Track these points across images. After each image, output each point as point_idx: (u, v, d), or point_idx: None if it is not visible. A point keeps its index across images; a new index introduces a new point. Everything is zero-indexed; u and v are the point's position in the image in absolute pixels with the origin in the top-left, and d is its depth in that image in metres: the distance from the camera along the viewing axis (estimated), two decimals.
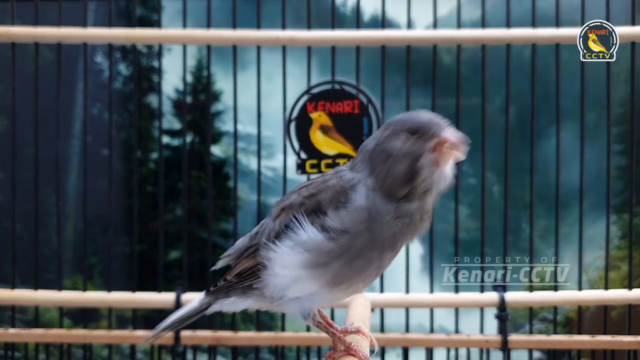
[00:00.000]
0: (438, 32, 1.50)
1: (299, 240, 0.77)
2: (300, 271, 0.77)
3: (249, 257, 0.85)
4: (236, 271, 0.87)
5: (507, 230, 1.50)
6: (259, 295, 0.85)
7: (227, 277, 0.89)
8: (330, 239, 0.76)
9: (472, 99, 1.56)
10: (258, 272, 0.83)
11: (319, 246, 0.76)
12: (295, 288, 0.79)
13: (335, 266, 0.76)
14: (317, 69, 1.52)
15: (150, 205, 1.94)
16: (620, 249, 1.71)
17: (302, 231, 0.77)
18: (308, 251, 0.76)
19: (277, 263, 0.80)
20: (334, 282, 0.77)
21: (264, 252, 0.82)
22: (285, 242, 0.79)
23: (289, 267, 0.78)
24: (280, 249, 0.79)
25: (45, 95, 1.51)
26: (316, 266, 0.76)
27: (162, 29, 1.52)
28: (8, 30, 1.49)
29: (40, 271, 1.53)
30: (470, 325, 1.58)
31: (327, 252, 0.75)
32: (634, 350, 1.48)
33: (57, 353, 1.56)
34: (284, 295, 0.81)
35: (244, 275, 0.85)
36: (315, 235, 0.76)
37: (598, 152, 1.59)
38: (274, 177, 1.92)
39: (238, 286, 0.87)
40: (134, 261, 1.54)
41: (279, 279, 0.80)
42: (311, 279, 0.77)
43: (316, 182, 0.82)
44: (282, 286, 0.80)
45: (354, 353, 0.81)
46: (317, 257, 0.76)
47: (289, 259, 0.78)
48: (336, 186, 0.78)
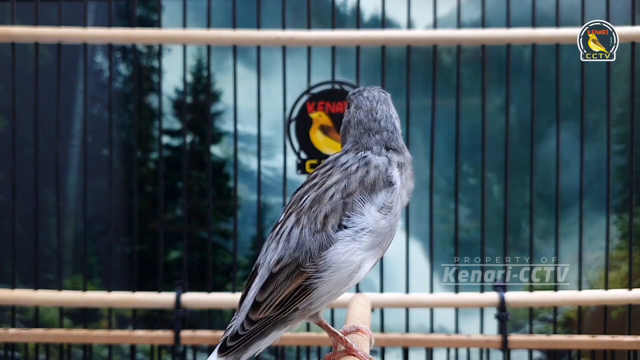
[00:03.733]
0: (438, 32, 1.50)
1: (362, 224, 0.79)
2: (365, 254, 0.79)
3: (292, 279, 0.79)
4: (277, 301, 0.79)
5: (507, 230, 1.50)
6: (301, 315, 0.80)
7: (257, 316, 0.79)
8: (383, 216, 0.80)
9: (472, 99, 1.56)
10: (308, 287, 0.78)
11: (379, 225, 0.79)
12: (359, 274, 0.80)
13: (387, 240, 0.81)
14: (317, 69, 1.52)
15: (150, 205, 1.94)
16: (620, 249, 1.71)
17: (366, 215, 0.80)
18: (371, 233, 0.79)
19: (342, 254, 0.78)
20: (378, 258, 0.82)
21: (319, 260, 0.78)
22: (347, 231, 0.79)
23: (356, 252, 0.78)
24: (343, 240, 0.79)
25: (45, 95, 1.51)
26: (376, 245, 0.80)
27: (162, 29, 1.52)
28: (8, 30, 1.49)
29: (40, 271, 1.53)
30: (470, 325, 1.58)
31: (384, 228, 0.80)
32: (634, 350, 1.48)
33: (57, 353, 1.56)
34: (339, 289, 0.80)
35: (289, 300, 0.79)
36: (376, 215, 0.79)
37: (598, 152, 1.59)
38: (274, 177, 1.92)
39: (279, 318, 0.80)
40: (134, 261, 1.54)
41: (342, 271, 0.78)
42: (372, 259, 0.80)
43: (348, 178, 0.82)
44: (343, 278, 0.78)
45: (355, 353, 0.81)
46: (377, 236, 0.79)
47: (355, 245, 0.78)
48: (377, 173, 0.82)
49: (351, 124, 0.87)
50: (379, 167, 0.83)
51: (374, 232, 0.79)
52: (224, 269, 1.94)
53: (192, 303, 1.50)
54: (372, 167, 0.83)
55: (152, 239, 1.85)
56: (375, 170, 0.83)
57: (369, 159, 0.84)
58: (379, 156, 0.84)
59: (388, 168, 0.83)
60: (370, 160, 0.84)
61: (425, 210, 1.50)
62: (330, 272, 0.78)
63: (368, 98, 0.87)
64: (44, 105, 1.52)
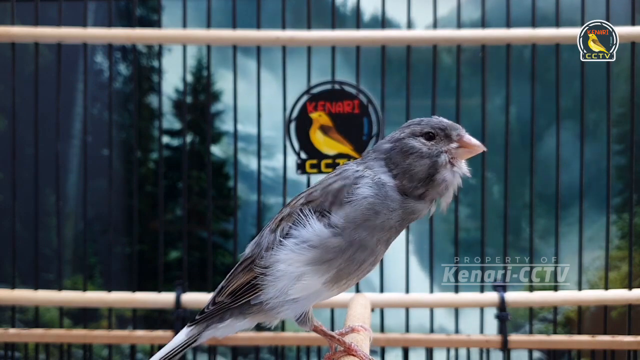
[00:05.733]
0: (438, 32, 1.50)
1: (304, 237, 0.77)
2: (305, 268, 0.76)
3: (244, 272, 0.82)
4: (230, 289, 0.83)
5: (507, 230, 1.50)
6: (258, 310, 0.82)
7: (218, 299, 0.84)
8: (335, 235, 0.76)
9: (472, 99, 1.56)
10: (256, 285, 0.80)
11: (326, 242, 0.76)
12: (298, 287, 0.77)
13: (340, 261, 0.76)
14: (317, 69, 1.52)
15: (150, 205, 1.94)
16: (620, 249, 1.71)
17: (308, 228, 0.77)
18: (314, 247, 0.76)
19: (282, 262, 0.78)
20: (335, 278, 0.77)
21: (263, 261, 0.80)
22: (290, 240, 0.78)
23: (294, 264, 0.77)
24: (285, 248, 0.78)
25: (45, 95, 1.51)
26: (322, 262, 0.76)
27: (162, 29, 1.52)
28: (8, 30, 1.49)
29: (40, 271, 1.53)
30: (470, 325, 1.58)
31: (333, 247, 0.76)
32: (634, 350, 1.48)
33: (57, 353, 1.56)
34: (284, 298, 0.79)
35: (240, 292, 0.82)
36: (321, 231, 0.76)
37: (598, 152, 1.59)
38: (274, 177, 1.92)
39: (233, 306, 0.83)
40: (134, 261, 1.54)
41: (282, 280, 0.78)
42: (316, 275, 0.77)
43: (317, 187, 0.81)
44: (283, 288, 0.78)
45: (354, 353, 0.81)
46: (324, 253, 0.76)
47: (294, 256, 0.77)
48: (340, 186, 0.78)
49: (389, 147, 0.80)
50: (348, 178, 0.78)
51: (317, 248, 0.76)
52: (224, 269, 1.93)
53: (192, 303, 1.50)
54: (342, 177, 0.79)
55: (152, 239, 1.85)
56: (342, 180, 0.78)
57: (346, 168, 0.80)
58: (362, 171, 0.78)
59: (358, 184, 0.77)
60: (345, 170, 0.80)
61: None
62: (273, 278, 0.78)
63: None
64: (44, 105, 1.52)
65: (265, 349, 1.69)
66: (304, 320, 0.82)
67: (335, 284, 0.78)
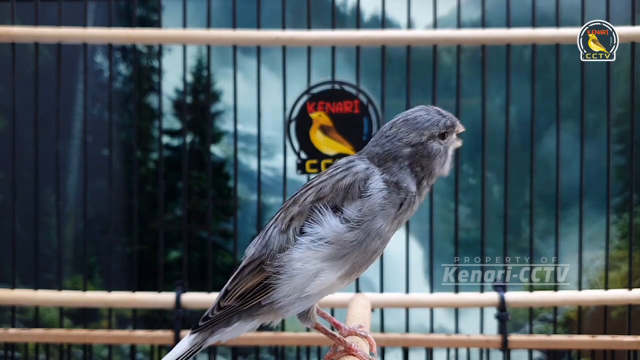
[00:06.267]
0: (438, 32, 1.50)
1: (320, 234, 0.77)
2: (322, 264, 0.77)
3: (254, 274, 0.81)
4: (239, 292, 0.82)
5: (507, 230, 1.50)
6: (268, 310, 0.82)
7: (224, 303, 0.83)
8: (351, 229, 0.77)
9: (472, 99, 1.56)
10: (268, 286, 0.80)
11: (342, 237, 0.77)
12: (316, 283, 0.78)
13: (355, 254, 0.77)
14: (317, 69, 1.52)
15: (150, 205, 1.94)
16: (620, 249, 1.71)
17: (324, 224, 0.77)
18: (331, 244, 0.77)
19: (297, 260, 0.78)
20: (350, 271, 0.79)
21: (275, 262, 0.79)
22: (305, 238, 0.78)
23: (312, 261, 0.77)
24: (300, 246, 0.78)
25: (45, 95, 1.51)
26: (339, 257, 0.77)
27: (162, 29, 1.52)
28: (8, 30, 1.49)
29: (40, 271, 1.53)
30: (470, 325, 1.58)
31: (350, 242, 0.77)
32: (634, 350, 1.48)
33: (57, 353, 1.56)
34: (298, 295, 0.78)
35: (250, 294, 0.81)
36: (337, 226, 0.77)
37: (598, 152, 1.59)
38: (274, 177, 1.92)
39: (242, 309, 0.82)
40: (134, 261, 1.54)
41: (297, 279, 0.78)
42: (333, 271, 0.77)
43: (324, 184, 0.81)
44: (299, 285, 0.78)
45: (354, 353, 0.81)
46: (341, 248, 0.77)
47: (311, 254, 0.77)
48: (351, 181, 0.79)
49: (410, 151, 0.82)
50: (358, 174, 0.79)
51: (334, 244, 0.77)
52: (224, 269, 1.94)
53: (192, 303, 1.50)
54: (352, 173, 0.79)
55: (152, 239, 1.85)
56: (352, 176, 0.79)
57: (354, 164, 0.81)
58: (365, 164, 0.80)
59: (370, 178, 0.79)
60: (353, 166, 0.81)
61: (425, 210, 1.50)
62: (287, 276, 0.78)
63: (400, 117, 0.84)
64: (44, 105, 1.52)
65: (265, 349, 1.69)
66: (308, 317, 0.82)
67: (348, 277, 0.80)
